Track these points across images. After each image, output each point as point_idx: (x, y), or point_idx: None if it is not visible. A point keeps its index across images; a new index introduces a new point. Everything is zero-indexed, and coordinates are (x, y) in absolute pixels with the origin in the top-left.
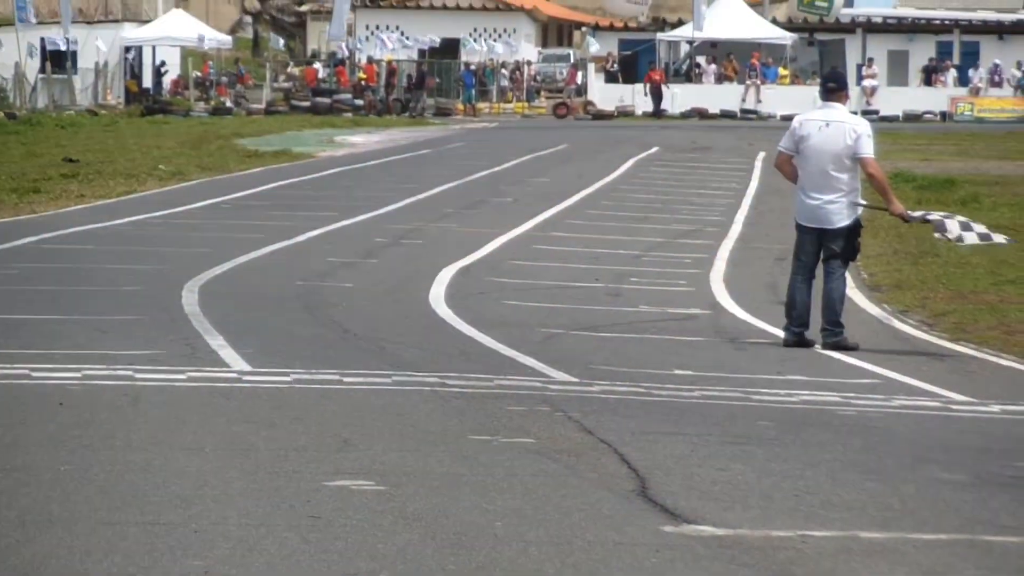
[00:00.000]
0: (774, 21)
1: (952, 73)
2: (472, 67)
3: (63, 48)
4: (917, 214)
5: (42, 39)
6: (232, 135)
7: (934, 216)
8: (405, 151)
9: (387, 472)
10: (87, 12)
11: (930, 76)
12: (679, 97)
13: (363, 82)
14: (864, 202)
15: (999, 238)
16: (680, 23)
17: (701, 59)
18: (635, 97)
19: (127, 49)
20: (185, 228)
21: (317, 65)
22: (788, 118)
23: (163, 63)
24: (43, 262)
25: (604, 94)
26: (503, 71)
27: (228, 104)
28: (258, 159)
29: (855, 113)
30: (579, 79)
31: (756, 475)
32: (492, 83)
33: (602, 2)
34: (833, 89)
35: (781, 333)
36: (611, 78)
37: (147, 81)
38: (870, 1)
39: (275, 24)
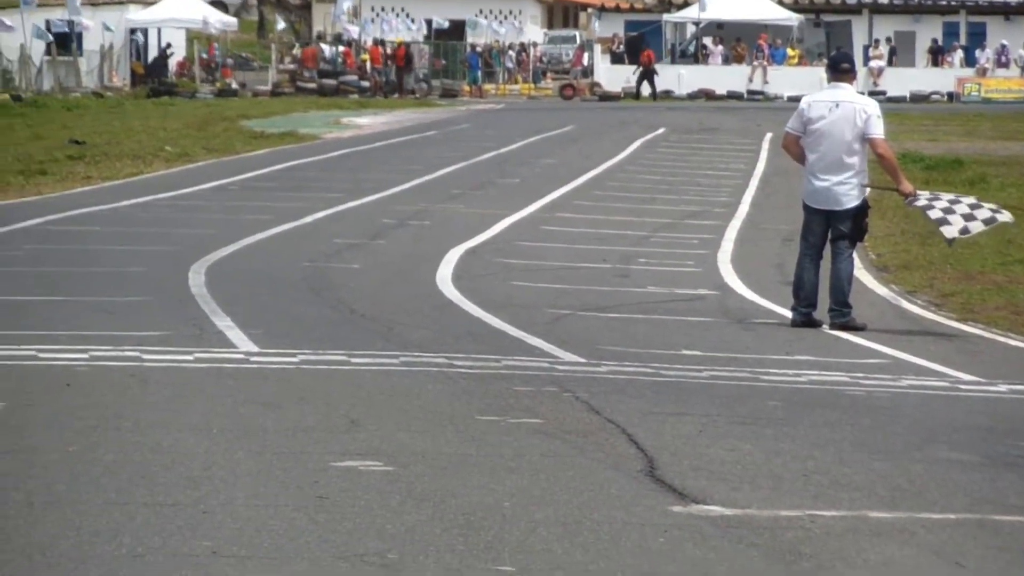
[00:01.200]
0: (780, 2)
1: (959, 54)
2: (478, 49)
3: (68, 30)
4: (922, 200)
5: (47, 21)
6: (238, 117)
7: (936, 213)
8: (411, 132)
9: (395, 452)
10: None
11: (936, 57)
12: (685, 78)
13: (366, 63)
14: (872, 183)
15: (1005, 216)
16: (686, 4)
17: (707, 40)
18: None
19: (132, 31)
20: (191, 209)
21: (323, 46)
22: (795, 99)
23: (168, 45)
24: (49, 244)
25: (610, 75)
26: (509, 53)
27: (234, 86)
28: (264, 141)
29: (862, 94)
30: (585, 60)
31: (764, 455)
32: (498, 65)
33: None
34: (846, 70)
35: (789, 313)
36: (617, 59)
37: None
38: None
39: (280, 5)
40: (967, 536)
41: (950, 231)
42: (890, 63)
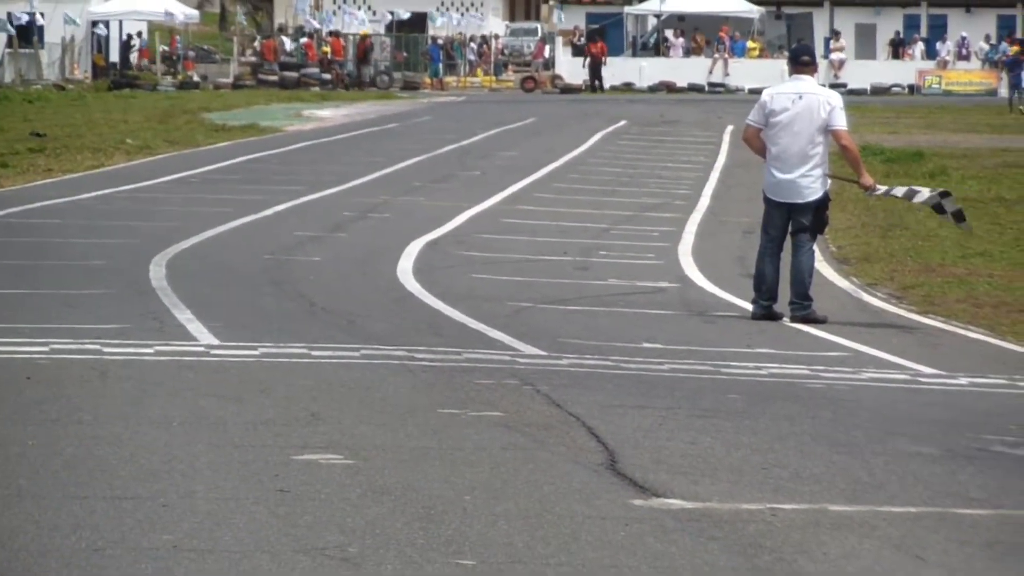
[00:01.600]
0: None
1: (920, 46)
2: (440, 41)
3: (27, 22)
4: (881, 190)
5: (8, 13)
6: (199, 109)
7: (900, 191)
8: (373, 125)
9: (355, 446)
10: None
11: (897, 49)
12: (646, 71)
13: (328, 56)
14: (832, 174)
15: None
16: None
17: (669, 32)
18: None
19: (94, 24)
20: (152, 202)
21: (285, 38)
22: (756, 91)
23: (130, 37)
24: (10, 236)
25: (572, 68)
26: (471, 45)
27: (195, 78)
28: (225, 133)
29: (823, 86)
30: (546, 53)
31: (725, 448)
32: (460, 57)
33: None
34: (807, 63)
35: (749, 306)
36: (578, 52)
37: (114, 55)
38: None
39: None
40: (928, 529)
41: (920, 197)
42: None
